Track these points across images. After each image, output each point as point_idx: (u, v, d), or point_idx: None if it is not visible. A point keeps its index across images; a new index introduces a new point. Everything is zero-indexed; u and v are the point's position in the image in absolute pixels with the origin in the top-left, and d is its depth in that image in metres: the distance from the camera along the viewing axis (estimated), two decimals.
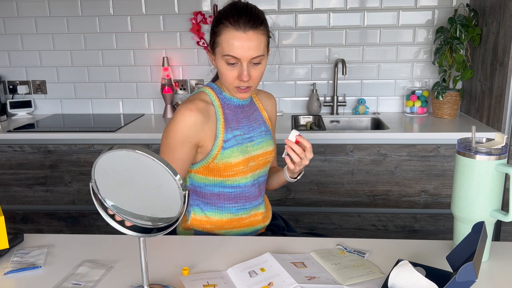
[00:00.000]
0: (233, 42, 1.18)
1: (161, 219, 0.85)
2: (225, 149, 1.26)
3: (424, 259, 1.05)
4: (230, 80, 1.23)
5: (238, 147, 1.28)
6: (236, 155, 1.27)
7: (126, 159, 0.79)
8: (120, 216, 0.85)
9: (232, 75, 1.22)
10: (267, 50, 1.27)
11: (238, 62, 1.20)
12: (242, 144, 1.29)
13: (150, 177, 0.80)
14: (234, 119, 1.31)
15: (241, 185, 1.32)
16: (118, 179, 0.82)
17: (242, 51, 1.18)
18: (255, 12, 1.21)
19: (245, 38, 1.17)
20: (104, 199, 0.85)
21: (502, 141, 1.00)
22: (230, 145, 1.27)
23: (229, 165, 1.27)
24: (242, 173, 1.30)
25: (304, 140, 1.22)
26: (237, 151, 1.28)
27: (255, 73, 1.23)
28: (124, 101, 2.77)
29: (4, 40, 2.70)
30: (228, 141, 1.27)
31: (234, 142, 1.28)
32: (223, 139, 1.26)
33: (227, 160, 1.26)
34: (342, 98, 2.64)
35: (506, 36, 2.07)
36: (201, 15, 2.57)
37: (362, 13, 2.56)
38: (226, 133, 1.27)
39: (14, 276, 1.00)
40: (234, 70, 1.21)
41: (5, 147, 2.30)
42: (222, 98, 1.31)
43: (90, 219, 2.38)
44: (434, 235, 2.28)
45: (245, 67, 1.20)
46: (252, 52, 1.19)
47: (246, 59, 1.19)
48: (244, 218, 1.35)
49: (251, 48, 1.18)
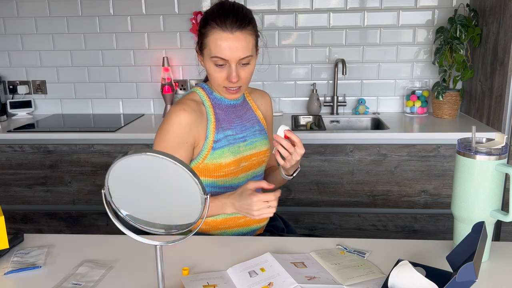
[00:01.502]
0: (220, 44, 1.16)
1: (176, 226, 0.82)
2: (215, 150, 1.25)
3: (424, 259, 1.05)
4: (219, 81, 1.22)
5: (229, 147, 1.27)
6: (227, 156, 1.26)
7: (143, 164, 0.75)
8: (134, 225, 0.83)
9: (220, 76, 1.21)
10: (256, 50, 1.26)
11: (226, 64, 1.19)
12: (234, 144, 1.28)
13: (169, 182, 0.76)
14: (226, 119, 1.30)
15: (233, 185, 1.31)
16: (133, 186, 0.79)
17: (230, 52, 1.17)
18: (242, 11, 1.19)
19: (233, 39, 1.16)
20: (118, 209, 0.81)
21: (502, 141, 1.00)
22: (220, 145, 1.26)
23: (220, 165, 1.26)
24: (233, 173, 1.29)
25: (293, 135, 1.20)
26: (228, 151, 1.27)
27: (244, 74, 1.22)
28: (124, 101, 2.77)
29: (4, 40, 2.70)
30: (218, 142, 1.26)
31: (225, 142, 1.27)
32: (213, 140, 1.25)
33: (218, 160, 1.25)
34: (342, 98, 2.64)
35: (506, 36, 2.07)
36: (201, 15, 2.57)
37: (362, 13, 2.56)
38: (217, 133, 1.26)
39: (14, 276, 1.00)
40: (223, 71, 1.20)
41: (5, 147, 2.30)
42: (213, 98, 1.30)
43: (90, 219, 2.38)
44: (434, 235, 2.28)
45: (233, 68, 1.19)
46: (240, 53, 1.17)
47: (234, 60, 1.18)
48: (239, 217, 1.33)
49: (239, 49, 1.17)
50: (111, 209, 0.81)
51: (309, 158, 2.20)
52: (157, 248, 0.84)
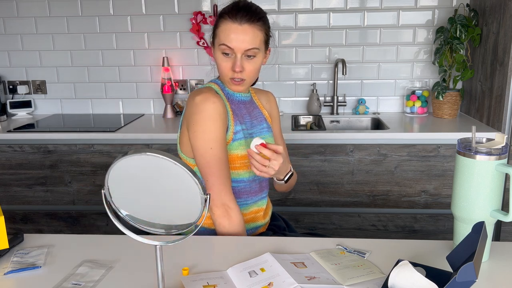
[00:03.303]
0: (229, 33, 1.23)
1: (176, 226, 0.82)
2: (234, 141, 1.29)
3: (424, 259, 1.05)
4: (225, 71, 1.27)
5: (244, 140, 1.31)
6: (243, 148, 1.30)
7: (143, 164, 0.75)
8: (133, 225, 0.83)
9: (226, 66, 1.26)
10: (266, 48, 1.30)
11: (232, 53, 1.24)
12: (246, 138, 1.33)
13: (169, 182, 0.76)
14: (238, 113, 1.34)
15: (244, 179, 1.33)
16: (133, 186, 0.79)
17: (237, 42, 1.22)
18: (254, 9, 1.26)
19: (240, 30, 1.22)
20: (118, 209, 0.81)
21: (502, 141, 1.00)
22: (239, 137, 1.30)
23: (236, 157, 1.30)
24: (246, 167, 1.32)
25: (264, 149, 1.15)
26: (244, 144, 1.31)
27: (249, 67, 1.26)
28: (124, 101, 2.77)
29: (4, 40, 2.70)
30: (237, 133, 1.30)
31: (241, 135, 1.31)
32: (234, 131, 1.30)
33: (235, 151, 1.29)
34: (342, 98, 2.64)
35: (506, 36, 2.07)
36: (201, 15, 2.57)
37: (362, 13, 2.56)
38: (235, 125, 1.31)
39: (14, 276, 1.00)
40: (229, 61, 1.25)
41: (5, 147, 2.30)
42: (226, 93, 1.34)
43: (90, 219, 2.38)
44: (434, 235, 2.28)
45: (238, 57, 1.24)
46: (246, 44, 1.23)
47: (240, 50, 1.23)
48: (245, 214, 1.36)
49: (245, 40, 1.22)
50: (111, 209, 0.81)
51: (309, 158, 2.21)
52: (157, 248, 0.84)
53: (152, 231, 0.83)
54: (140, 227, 0.83)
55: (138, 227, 0.83)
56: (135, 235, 0.83)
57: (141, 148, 0.75)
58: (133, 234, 0.83)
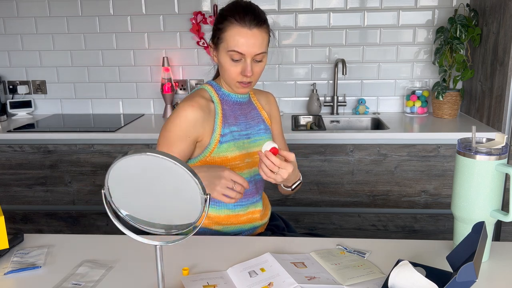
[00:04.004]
0: (238, 39, 1.22)
1: (176, 226, 0.82)
2: (222, 143, 1.29)
3: (424, 259, 1.05)
4: (233, 76, 1.27)
5: (234, 142, 1.31)
6: (233, 150, 1.30)
7: (143, 164, 0.75)
8: (133, 225, 0.83)
9: (235, 70, 1.26)
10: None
11: (242, 58, 1.24)
12: (238, 140, 1.32)
13: (169, 182, 0.76)
14: (232, 115, 1.34)
15: None
16: (133, 186, 0.79)
17: (247, 48, 1.22)
18: (259, 11, 1.26)
19: (250, 35, 1.22)
20: (118, 209, 0.81)
21: (502, 141, 1.00)
22: (226, 139, 1.30)
23: (226, 159, 1.29)
24: (239, 168, 1.31)
25: (272, 156, 1.11)
26: (233, 146, 1.31)
27: (257, 69, 1.27)
28: (124, 101, 2.77)
29: (4, 40, 2.70)
30: (225, 136, 1.30)
31: (230, 137, 1.31)
32: (220, 133, 1.30)
33: (224, 154, 1.29)
34: (342, 98, 2.64)
35: (506, 36, 2.07)
36: (201, 15, 2.57)
37: (362, 13, 2.56)
38: (223, 127, 1.31)
39: (14, 276, 1.00)
40: (238, 66, 1.25)
41: (5, 147, 2.30)
42: (221, 94, 1.34)
43: (90, 219, 2.38)
44: (434, 235, 2.28)
45: (248, 62, 1.24)
46: (256, 48, 1.23)
47: (250, 55, 1.23)
48: (241, 215, 1.35)
49: (255, 45, 1.23)
50: (111, 209, 0.81)
51: (309, 158, 2.21)
52: (157, 248, 0.84)
53: (152, 231, 0.83)
54: (140, 227, 0.83)
55: (138, 227, 0.83)
56: (135, 235, 0.83)
57: (141, 148, 0.74)
58: (133, 234, 0.83)
